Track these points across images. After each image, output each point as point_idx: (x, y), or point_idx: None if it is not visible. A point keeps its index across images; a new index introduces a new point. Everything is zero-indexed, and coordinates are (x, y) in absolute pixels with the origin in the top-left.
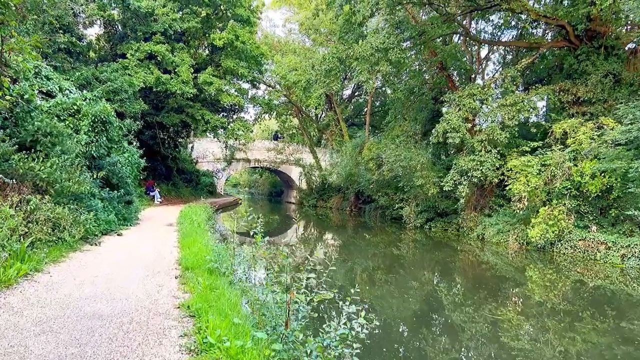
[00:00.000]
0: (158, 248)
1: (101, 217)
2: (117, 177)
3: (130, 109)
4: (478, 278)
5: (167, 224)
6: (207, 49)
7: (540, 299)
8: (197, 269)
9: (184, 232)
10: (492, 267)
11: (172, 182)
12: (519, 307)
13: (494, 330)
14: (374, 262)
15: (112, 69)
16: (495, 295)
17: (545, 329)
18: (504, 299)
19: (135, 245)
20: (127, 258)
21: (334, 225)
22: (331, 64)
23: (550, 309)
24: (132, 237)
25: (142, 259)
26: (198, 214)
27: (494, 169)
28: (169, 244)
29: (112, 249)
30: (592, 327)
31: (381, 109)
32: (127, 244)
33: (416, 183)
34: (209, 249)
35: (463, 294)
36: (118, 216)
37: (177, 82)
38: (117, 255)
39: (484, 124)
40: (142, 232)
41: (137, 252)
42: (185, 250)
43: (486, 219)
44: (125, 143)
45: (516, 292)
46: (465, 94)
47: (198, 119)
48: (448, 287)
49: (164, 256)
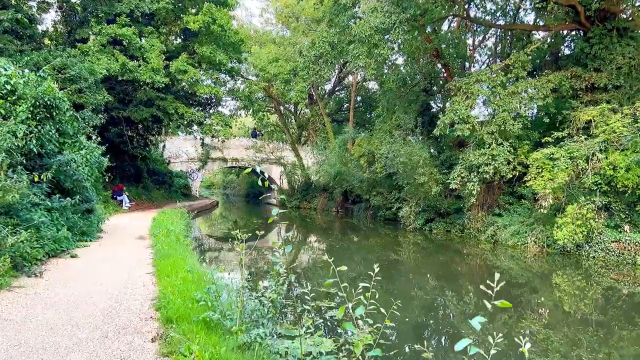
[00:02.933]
0: (125, 277)
1: (46, 234)
2: (71, 179)
3: (92, 100)
4: (501, 289)
5: (137, 237)
6: (180, 37)
7: (570, 309)
8: (185, 321)
9: (160, 250)
10: (510, 273)
11: (142, 184)
12: (545, 318)
13: (518, 345)
14: (371, 268)
15: (69, 54)
16: (516, 305)
17: (576, 343)
18: (528, 310)
19: (92, 272)
20: (76, 300)
21: (321, 228)
22: (321, 48)
23: (581, 320)
24: (90, 259)
25: (98, 300)
26: (175, 222)
27: (507, 164)
28: (141, 269)
29: (58, 281)
30: (631, 340)
31: (362, 104)
32: (81, 272)
33: (418, 181)
34: (198, 277)
35: (479, 305)
36: (73, 230)
37: (146, 70)
38: (61, 294)
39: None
40: (105, 251)
41: (93, 285)
42: (163, 282)
43: (497, 219)
44: (82, 138)
45: (542, 301)
46: (473, 80)
47: (171, 112)
48: (460, 297)
49: (132, 293)
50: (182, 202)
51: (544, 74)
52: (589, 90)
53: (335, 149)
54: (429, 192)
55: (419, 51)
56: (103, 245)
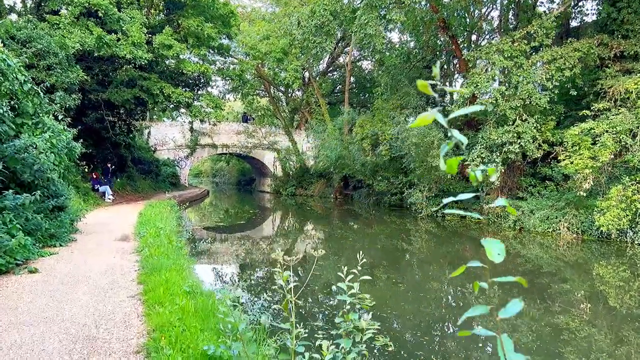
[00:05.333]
0: (98, 306)
1: None
2: (30, 170)
3: (64, 79)
4: (527, 278)
5: (119, 238)
6: (163, 12)
7: (615, 303)
8: None
9: (148, 259)
10: (541, 263)
11: (126, 174)
12: (586, 313)
13: (558, 344)
14: (382, 259)
15: (35, 25)
16: (552, 298)
17: (623, 341)
18: (566, 304)
19: (51, 298)
20: (24, 354)
21: (320, 216)
22: (323, 18)
23: (627, 315)
24: (53, 275)
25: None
26: (164, 217)
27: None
28: (121, 290)
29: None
30: None
31: (356, 85)
32: (35, 298)
33: (431, 163)
34: (203, 305)
35: (505, 299)
36: (36, 234)
37: (126, 45)
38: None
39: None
40: (77, 260)
41: (48, 324)
42: (153, 317)
43: (521, 203)
44: (46, 118)
45: (582, 295)
46: (493, 50)
47: (155, 93)
48: (482, 290)
49: (107, 338)
50: (171, 193)
51: (569, 42)
52: (618, 59)
53: (336, 132)
54: (444, 175)
55: (423, 22)
56: (76, 250)
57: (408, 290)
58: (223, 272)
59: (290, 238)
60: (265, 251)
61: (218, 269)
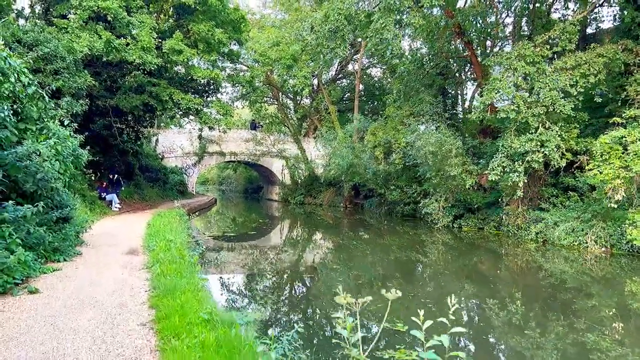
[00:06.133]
0: (107, 340)
1: None
2: (33, 179)
3: (71, 83)
4: (549, 293)
5: (127, 252)
6: (172, 17)
7: None
8: None
9: (160, 278)
10: (566, 277)
11: (134, 182)
12: (617, 332)
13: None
14: (395, 271)
15: (42, 28)
16: (579, 316)
17: None
18: (593, 322)
19: (56, 327)
20: None
21: (330, 226)
22: (337, 22)
23: None
24: (57, 297)
25: None
26: (174, 228)
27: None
28: (131, 316)
29: None
30: None
31: (365, 93)
32: (36, 326)
33: (449, 172)
34: (226, 339)
35: (529, 315)
36: (38, 249)
37: (135, 49)
38: None
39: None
40: (82, 277)
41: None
42: (170, 355)
43: (544, 214)
44: (51, 124)
45: (610, 312)
46: (515, 54)
47: (164, 99)
48: (503, 305)
49: None
50: (179, 201)
51: (592, 47)
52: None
53: (347, 139)
54: (462, 184)
55: (438, 28)
56: (81, 266)
57: (422, 304)
58: (239, 289)
59: (309, 251)
60: (284, 265)
61: (233, 285)
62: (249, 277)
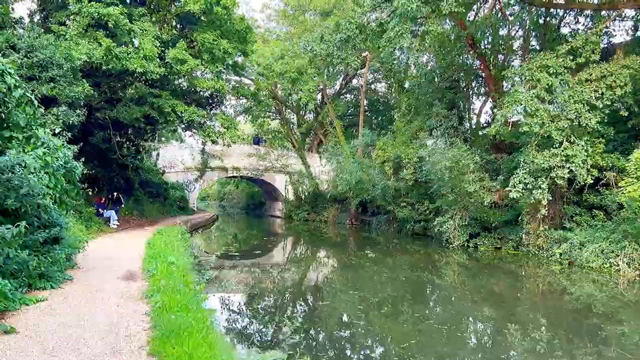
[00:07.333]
0: None
1: None
2: (16, 194)
3: (67, 92)
4: (574, 318)
5: (124, 276)
6: (176, 28)
7: None
8: None
9: (162, 316)
10: (593, 302)
11: (133, 197)
12: None
13: None
14: (406, 292)
15: (38, 34)
16: (607, 343)
17: None
18: (624, 349)
19: None
20: None
21: (336, 243)
22: (349, 31)
23: None
24: (36, 339)
25: None
26: (175, 248)
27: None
28: None
29: None
30: None
31: (370, 107)
32: None
33: (468, 189)
34: None
35: (566, 348)
36: (20, 275)
37: (137, 58)
38: None
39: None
40: (69, 313)
41: None
42: None
43: (568, 234)
44: (41, 132)
45: None
46: (536, 65)
47: (167, 111)
48: (525, 333)
49: None
50: (179, 217)
51: (615, 58)
52: None
53: (355, 155)
54: (480, 201)
55: (449, 40)
56: (70, 295)
57: (437, 328)
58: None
59: (318, 272)
60: (292, 289)
61: (242, 314)
62: (258, 303)
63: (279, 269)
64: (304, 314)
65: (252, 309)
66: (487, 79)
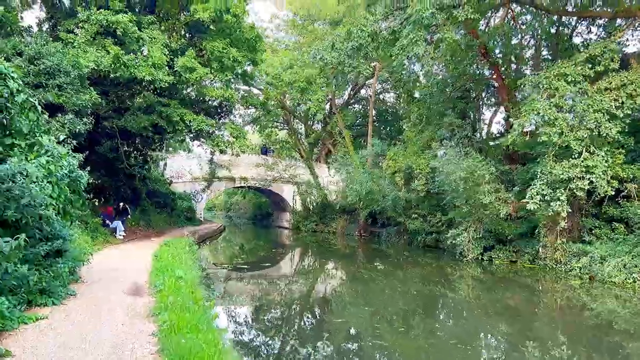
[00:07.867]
0: None
1: None
2: (16, 205)
3: (74, 100)
4: (594, 334)
5: (130, 291)
6: (184, 37)
7: None
8: None
9: (170, 338)
10: (615, 318)
11: (140, 207)
12: None
13: None
14: (417, 307)
15: (45, 41)
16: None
17: None
18: None
19: None
20: None
21: (345, 255)
22: (361, 39)
23: None
24: None
25: None
26: (183, 261)
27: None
28: None
29: None
30: None
31: (378, 118)
32: None
33: (483, 200)
34: None
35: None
36: (19, 292)
37: (146, 66)
38: None
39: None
40: (70, 334)
41: None
42: None
43: (588, 247)
44: (45, 139)
45: None
46: (554, 73)
47: (175, 120)
48: (557, 354)
49: None
50: (187, 228)
51: (633, 66)
52: None
53: (365, 165)
54: (496, 213)
55: (461, 49)
56: (72, 312)
57: (451, 344)
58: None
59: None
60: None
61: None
62: (267, 317)
63: (287, 281)
64: (313, 328)
65: (262, 323)
66: (500, 89)
